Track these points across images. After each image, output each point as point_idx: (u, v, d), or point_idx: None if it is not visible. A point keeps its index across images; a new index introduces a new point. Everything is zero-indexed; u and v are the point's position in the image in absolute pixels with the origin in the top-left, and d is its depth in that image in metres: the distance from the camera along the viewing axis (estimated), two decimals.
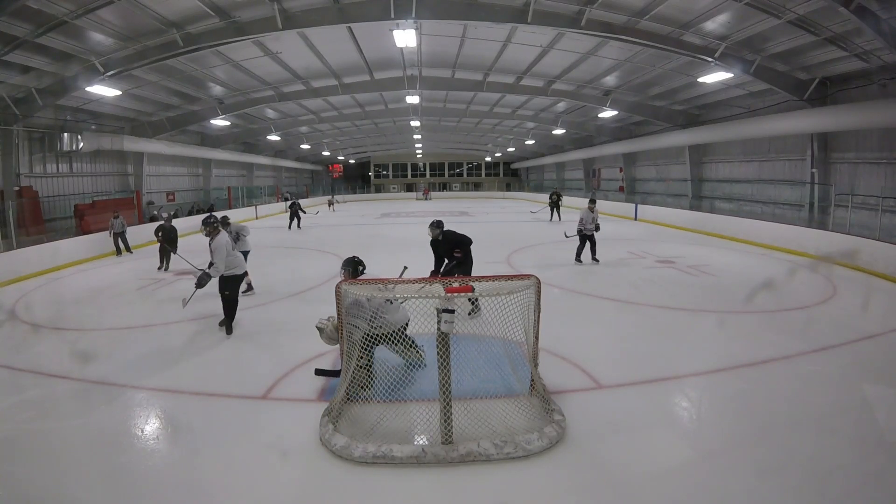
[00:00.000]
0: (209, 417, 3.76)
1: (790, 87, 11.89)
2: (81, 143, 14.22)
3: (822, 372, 4.51)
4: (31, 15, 8.59)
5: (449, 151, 42.90)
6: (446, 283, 3.64)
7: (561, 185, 33.45)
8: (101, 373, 4.64)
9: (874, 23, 8.23)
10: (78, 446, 3.41)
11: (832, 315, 6.27)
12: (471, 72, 15.48)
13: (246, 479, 2.97)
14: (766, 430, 3.45)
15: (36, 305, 7.49)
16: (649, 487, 2.85)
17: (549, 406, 3.56)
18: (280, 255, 11.86)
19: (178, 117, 17.44)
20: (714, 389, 4.23)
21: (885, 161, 11.23)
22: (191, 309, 6.23)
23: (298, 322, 6.30)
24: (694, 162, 18.51)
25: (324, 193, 38.34)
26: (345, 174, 45.89)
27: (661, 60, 12.46)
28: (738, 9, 9.05)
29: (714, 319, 6.14)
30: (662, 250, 11.50)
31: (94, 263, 11.21)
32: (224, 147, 23.40)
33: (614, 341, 5.40)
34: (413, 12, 9.41)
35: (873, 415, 3.80)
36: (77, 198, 15.21)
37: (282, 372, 4.51)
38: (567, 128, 23.16)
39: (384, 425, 3.37)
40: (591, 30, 10.11)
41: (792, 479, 2.92)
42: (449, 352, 3.23)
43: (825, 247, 10.09)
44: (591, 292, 7.46)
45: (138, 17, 9.35)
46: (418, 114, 21.78)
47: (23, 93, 11.75)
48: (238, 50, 11.75)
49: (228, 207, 22.51)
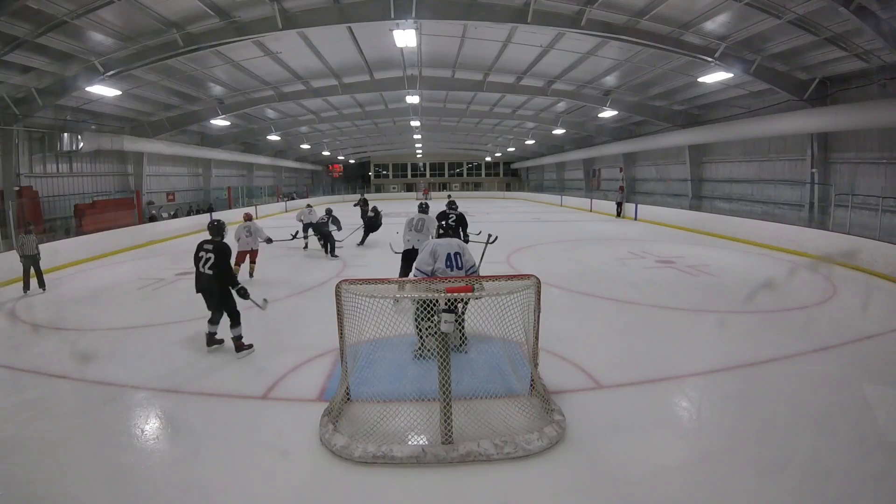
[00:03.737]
0: (209, 417, 3.76)
1: (790, 87, 11.88)
2: (81, 143, 14.21)
3: (822, 372, 4.51)
4: (31, 15, 8.59)
5: (449, 151, 42.89)
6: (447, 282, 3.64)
7: (561, 186, 33.46)
8: (101, 373, 4.64)
9: (874, 23, 8.22)
10: (78, 446, 3.41)
11: (832, 315, 6.27)
12: (471, 72, 15.47)
13: (246, 479, 2.97)
14: (766, 430, 3.45)
15: (36, 305, 7.49)
16: (649, 487, 2.85)
17: (549, 406, 3.56)
18: (280, 255, 11.85)
19: (178, 117, 17.43)
20: (714, 389, 4.23)
21: (885, 161, 11.23)
22: (191, 309, 6.23)
23: (298, 322, 6.32)
24: (694, 162, 18.50)
25: (324, 193, 38.36)
26: (345, 174, 45.89)
27: (661, 60, 12.46)
28: (738, 9, 9.04)
29: (714, 319, 6.14)
30: (662, 250, 11.50)
31: (94, 263, 11.21)
32: (224, 147, 23.39)
33: (614, 341, 5.40)
34: (413, 12, 9.41)
35: (873, 415, 3.80)
36: (77, 198, 15.20)
37: (282, 372, 4.51)
38: (567, 128, 23.16)
39: (384, 425, 3.37)
40: (591, 30, 10.11)
41: (792, 479, 2.92)
42: (449, 352, 3.24)
43: (825, 247, 10.10)
44: (591, 292, 7.46)
45: (138, 17, 9.34)
46: (418, 114, 21.78)
47: (23, 93, 11.74)
48: (238, 50, 11.74)
49: (228, 207, 22.52)
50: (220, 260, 4.83)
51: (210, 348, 5.17)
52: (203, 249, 4.94)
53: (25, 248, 7.92)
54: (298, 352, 4.97)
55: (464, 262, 4.57)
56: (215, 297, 4.94)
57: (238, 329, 5.01)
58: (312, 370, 4.55)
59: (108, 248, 12.39)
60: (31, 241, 7.97)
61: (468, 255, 4.64)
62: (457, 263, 4.52)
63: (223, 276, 4.84)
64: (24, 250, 7.92)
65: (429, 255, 4.54)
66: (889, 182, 11.09)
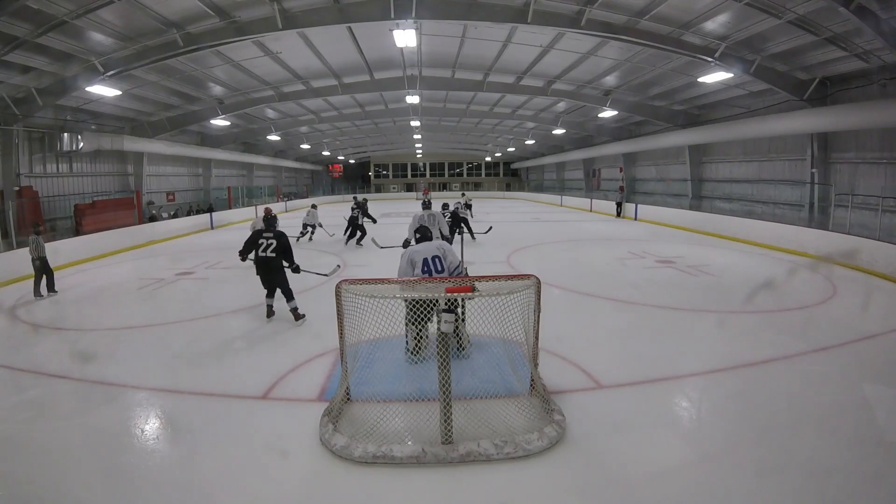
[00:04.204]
0: (209, 417, 3.76)
1: (790, 87, 11.89)
2: (81, 143, 14.22)
3: (822, 372, 4.51)
4: (31, 15, 8.59)
5: (449, 151, 42.89)
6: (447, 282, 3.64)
7: (561, 186, 33.46)
8: (101, 373, 4.64)
9: (874, 23, 8.23)
10: (78, 446, 3.41)
11: (832, 315, 6.27)
12: (471, 72, 15.48)
13: (246, 479, 2.97)
14: (766, 430, 3.45)
15: (36, 305, 7.49)
16: (649, 487, 2.85)
17: (549, 406, 3.56)
18: None
19: (178, 117, 17.43)
20: (714, 389, 4.23)
21: (885, 161, 11.23)
22: (191, 309, 6.24)
23: (298, 322, 6.31)
24: (694, 162, 18.51)
25: (324, 193, 38.35)
26: (345, 174, 45.91)
27: (661, 60, 12.46)
28: (738, 9, 9.04)
29: (714, 319, 6.13)
30: (662, 250, 11.50)
31: (94, 263, 11.21)
32: (224, 147, 23.40)
33: (614, 341, 5.39)
34: (413, 12, 9.41)
35: (873, 415, 3.80)
36: (77, 198, 15.21)
37: (282, 372, 4.51)
38: (567, 128, 23.16)
39: (384, 425, 3.37)
40: (591, 30, 10.11)
41: (792, 479, 2.92)
42: (449, 352, 3.24)
43: (825, 247, 10.09)
44: (591, 292, 7.46)
45: (138, 17, 9.34)
46: (418, 114, 21.79)
47: (23, 93, 11.75)
48: (238, 50, 11.75)
49: (228, 207, 22.53)
50: (281, 244, 5.85)
51: (270, 319, 6.12)
52: (263, 237, 5.89)
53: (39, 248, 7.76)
54: (298, 352, 4.97)
55: (446, 264, 4.43)
56: (272, 275, 5.93)
57: (293, 302, 6.00)
58: (312, 370, 4.54)
59: (107, 249, 12.39)
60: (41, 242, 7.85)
61: (451, 256, 4.51)
62: (436, 267, 4.38)
63: (283, 256, 5.90)
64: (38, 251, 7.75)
65: (407, 265, 4.42)
66: (889, 182, 11.09)
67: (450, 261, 4.47)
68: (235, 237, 16.08)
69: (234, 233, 17.60)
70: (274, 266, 5.87)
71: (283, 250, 5.87)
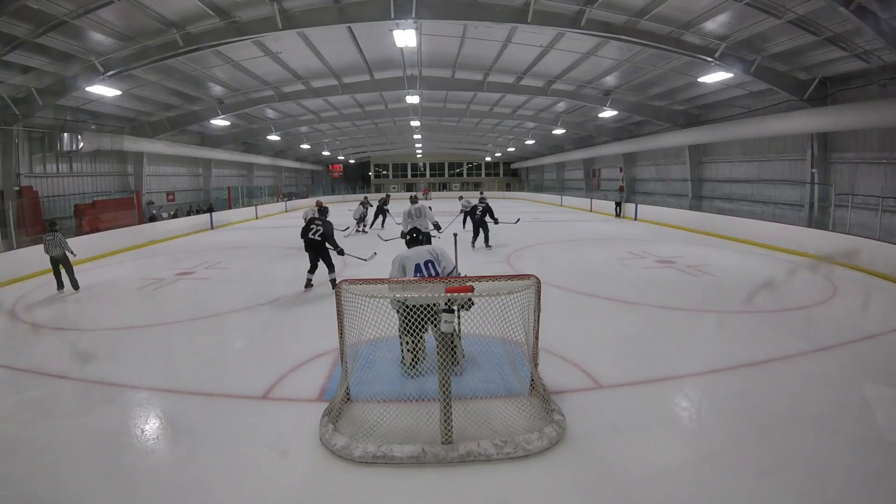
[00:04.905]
0: (209, 417, 3.76)
1: (790, 87, 11.88)
2: (81, 143, 14.22)
3: (822, 372, 4.51)
4: (31, 15, 8.59)
5: (449, 151, 42.88)
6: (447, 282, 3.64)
7: (561, 186, 33.44)
8: (101, 373, 4.64)
9: (874, 23, 8.22)
10: (78, 446, 3.41)
11: (832, 315, 6.27)
12: (471, 72, 15.47)
13: (246, 479, 2.97)
14: (766, 430, 3.45)
15: (36, 305, 7.49)
16: (649, 487, 2.85)
17: (549, 406, 3.56)
18: (280, 255, 11.86)
19: (178, 117, 17.43)
20: (714, 389, 4.23)
21: (885, 161, 11.23)
22: (190, 309, 6.25)
23: (299, 322, 6.32)
24: (694, 162, 18.50)
25: (323, 193, 38.32)
26: (345, 174, 45.91)
27: (661, 60, 12.46)
28: (738, 9, 9.04)
29: (714, 319, 6.13)
30: (662, 250, 11.50)
31: (94, 263, 11.21)
32: (224, 147, 23.39)
33: (614, 341, 5.39)
34: (413, 12, 9.41)
35: (873, 415, 3.80)
36: (77, 198, 15.21)
37: (282, 372, 4.51)
38: (567, 128, 23.15)
39: (384, 425, 3.37)
40: (591, 30, 10.11)
41: (792, 479, 2.92)
42: (448, 352, 3.24)
43: (825, 247, 10.09)
44: (591, 292, 7.46)
45: (138, 17, 9.34)
46: (418, 114, 21.78)
47: (23, 93, 11.75)
48: (238, 50, 11.74)
49: (228, 207, 22.53)
50: (326, 231, 7.39)
51: (306, 290, 7.61)
52: (315, 224, 7.44)
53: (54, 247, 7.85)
54: (298, 352, 4.97)
55: (440, 269, 4.25)
56: (318, 253, 7.48)
57: (333, 273, 7.54)
58: (312, 370, 4.54)
59: (107, 248, 12.39)
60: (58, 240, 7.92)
61: (445, 259, 4.33)
62: (429, 273, 4.21)
63: (327, 241, 7.44)
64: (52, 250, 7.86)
65: (398, 271, 4.23)
66: (889, 182, 11.09)
67: (444, 265, 4.29)
68: (235, 237, 16.12)
69: (234, 233, 17.62)
70: (319, 247, 7.42)
71: (327, 236, 7.37)
